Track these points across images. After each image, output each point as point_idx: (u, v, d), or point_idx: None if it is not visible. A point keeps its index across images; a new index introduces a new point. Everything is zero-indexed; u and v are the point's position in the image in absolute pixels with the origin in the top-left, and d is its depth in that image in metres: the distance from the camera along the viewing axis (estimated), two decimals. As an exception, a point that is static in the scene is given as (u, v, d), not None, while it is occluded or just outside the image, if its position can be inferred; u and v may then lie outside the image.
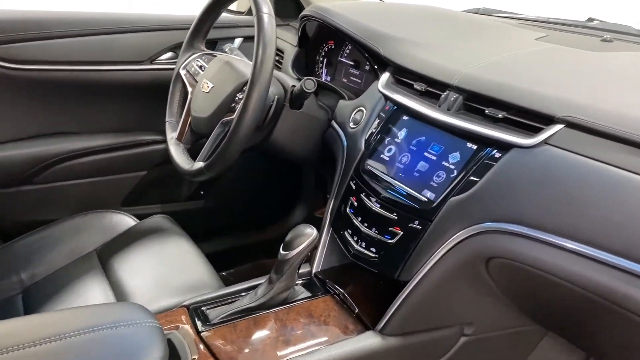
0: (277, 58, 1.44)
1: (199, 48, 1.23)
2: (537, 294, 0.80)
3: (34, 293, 1.13)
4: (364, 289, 0.94)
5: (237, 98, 1.02)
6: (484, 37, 1.09)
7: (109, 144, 1.42)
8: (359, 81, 1.25)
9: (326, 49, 1.34)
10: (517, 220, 0.73)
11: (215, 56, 1.18)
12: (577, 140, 0.71)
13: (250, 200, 1.68)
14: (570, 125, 0.72)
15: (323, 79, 1.35)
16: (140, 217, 1.32)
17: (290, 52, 1.38)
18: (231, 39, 1.50)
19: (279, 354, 0.80)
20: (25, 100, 1.31)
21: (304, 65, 1.37)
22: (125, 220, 1.30)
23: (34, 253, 1.22)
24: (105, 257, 1.19)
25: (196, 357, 0.78)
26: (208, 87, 1.08)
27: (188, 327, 0.84)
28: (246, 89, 0.93)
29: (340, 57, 1.30)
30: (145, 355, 0.69)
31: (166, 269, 1.13)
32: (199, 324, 0.85)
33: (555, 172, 0.71)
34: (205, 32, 1.22)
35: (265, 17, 0.96)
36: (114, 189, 1.47)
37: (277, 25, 1.51)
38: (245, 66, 1.09)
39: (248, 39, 1.54)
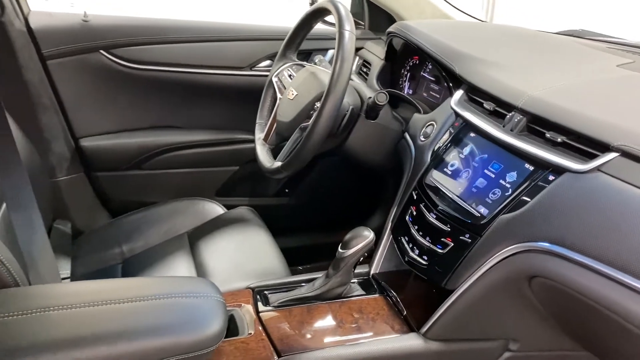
0: (364, 70, 1.53)
1: (291, 58, 1.34)
2: (577, 317, 0.81)
3: (131, 264, 1.30)
4: (415, 294, 0.99)
5: (315, 106, 1.11)
6: (561, 61, 1.09)
7: (208, 139, 1.59)
8: (438, 96, 1.29)
9: (411, 64, 1.39)
10: (561, 243, 0.75)
11: (304, 66, 1.28)
12: (630, 169, 0.72)
13: (331, 202, 1.77)
14: (625, 154, 0.73)
15: (405, 92, 1.41)
16: (228, 207, 1.47)
17: (377, 64, 1.45)
18: (324, 51, 1.61)
19: (325, 340, 0.88)
20: (141, 96, 1.51)
21: (389, 78, 1.44)
22: (215, 209, 1.45)
23: (135, 230, 1.40)
24: (193, 239, 1.34)
25: (252, 332, 0.88)
26: (293, 94, 1.19)
27: (249, 307, 0.94)
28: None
29: (423, 73, 1.36)
30: (207, 324, 0.80)
31: (242, 255, 1.25)
32: (259, 305, 0.96)
33: (604, 199, 0.72)
34: (297, 44, 1.33)
35: (347, 34, 1.04)
36: (209, 180, 1.64)
37: (369, 39, 1.60)
38: (327, 77, 1.18)
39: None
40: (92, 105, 1.48)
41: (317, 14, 1.23)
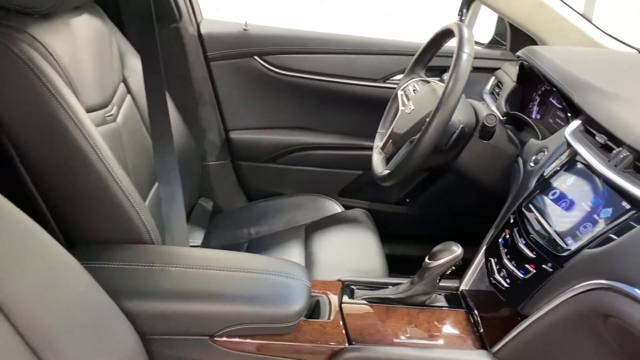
0: (497, 90, 1.53)
1: (418, 74, 1.41)
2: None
3: (254, 244, 1.48)
4: (496, 315, 1.01)
5: (426, 121, 1.17)
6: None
7: (337, 143, 1.72)
8: (562, 124, 1.26)
9: (542, 89, 1.37)
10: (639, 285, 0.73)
11: (429, 82, 1.34)
12: None
13: (447, 218, 1.79)
14: None
15: (533, 117, 1.38)
16: (347, 207, 1.58)
17: (509, 86, 1.44)
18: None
19: (395, 340, 0.95)
20: (284, 98, 1.70)
21: (519, 100, 1.43)
22: (334, 207, 1.58)
23: (263, 215, 1.58)
24: (309, 231, 1.47)
25: (331, 318, 0.98)
26: (410, 108, 1.26)
27: (335, 297, 1.04)
28: None
29: (551, 99, 1.33)
30: (291, 302, 0.92)
31: (348, 252, 1.36)
32: (344, 296, 1.05)
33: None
34: (426, 61, 1.39)
35: (464, 56, 1.08)
36: (333, 180, 1.77)
37: (507, 60, 1.60)
38: (444, 94, 1.23)
39: (478, 69, 1.65)
40: (242, 103, 1.70)
41: (445, 35, 1.28)
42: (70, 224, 1.06)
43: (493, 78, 1.59)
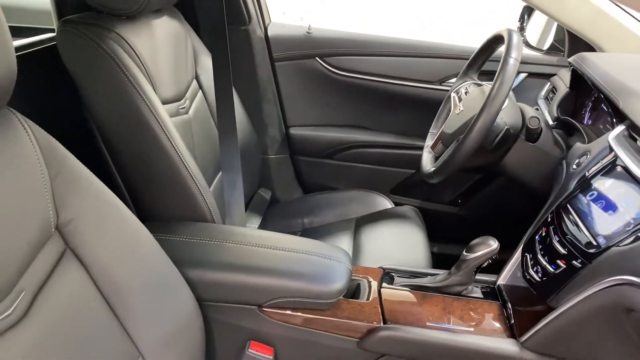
0: (551, 95, 1.55)
1: (472, 77, 1.46)
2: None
3: (307, 234, 1.58)
4: (528, 308, 1.05)
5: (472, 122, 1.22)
6: None
7: (391, 142, 1.80)
8: (610, 129, 1.27)
9: (595, 96, 1.38)
10: (663, 283, 0.76)
11: (481, 85, 1.39)
12: None
13: (497, 221, 1.81)
14: None
15: (585, 122, 1.40)
16: (397, 204, 1.65)
17: (562, 91, 1.47)
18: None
19: (427, 323, 1.01)
20: (341, 98, 1.79)
21: (572, 106, 1.45)
22: (385, 203, 1.65)
23: (317, 207, 1.68)
24: (359, 224, 1.56)
25: (369, 300, 1.06)
26: (460, 109, 1.31)
27: (375, 282, 1.12)
28: None
29: (603, 105, 1.34)
30: (333, 281, 1.01)
31: (393, 245, 1.43)
32: (384, 282, 1.12)
33: None
34: (479, 66, 1.44)
35: (511, 61, 1.13)
36: (386, 177, 1.84)
37: (562, 67, 1.62)
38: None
39: (533, 75, 1.67)
40: (303, 101, 1.81)
41: (496, 40, 1.33)
42: (143, 201, 1.20)
43: (549, 84, 1.61)
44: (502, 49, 1.22)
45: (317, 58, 1.75)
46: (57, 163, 0.78)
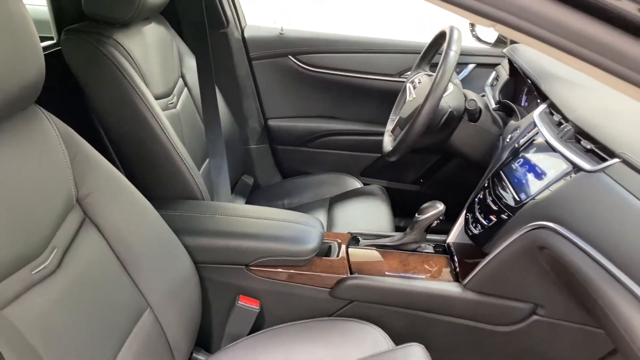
0: (495, 82, 1.77)
1: (424, 69, 1.66)
2: (575, 288, 1.00)
3: (287, 213, 1.77)
4: (470, 258, 1.26)
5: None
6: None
7: (359, 129, 2.00)
8: (542, 109, 1.49)
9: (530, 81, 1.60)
10: (563, 223, 0.97)
11: (431, 76, 1.59)
12: (624, 174, 0.89)
13: (455, 196, 2.03)
14: (625, 162, 0.91)
15: (522, 104, 1.62)
16: (366, 185, 1.85)
17: (503, 78, 1.68)
18: (464, 65, 1.88)
19: (387, 272, 1.22)
20: (313, 91, 1.99)
21: (512, 90, 1.66)
22: (354, 183, 1.85)
23: (295, 190, 1.87)
24: (333, 202, 1.75)
25: (338, 257, 1.26)
26: (413, 97, 1.52)
27: (343, 243, 1.32)
28: None
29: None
30: (307, 242, 1.20)
31: (362, 217, 1.63)
32: (351, 244, 1.33)
33: (599, 193, 0.92)
34: (430, 58, 1.65)
35: (451, 53, 1.33)
36: (356, 161, 2.04)
37: (505, 57, 1.82)
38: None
39: (482, 66, 1.89)
40: (279, 96, 2.00)
41: (442, 36, 1.53)
42: (141, 183, 1.38)
43: (494, 72, 1.83)
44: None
45: (290, 56, 1.94)
46: (75, 147, 0.96)
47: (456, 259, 1.27)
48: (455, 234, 1.36)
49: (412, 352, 1.08)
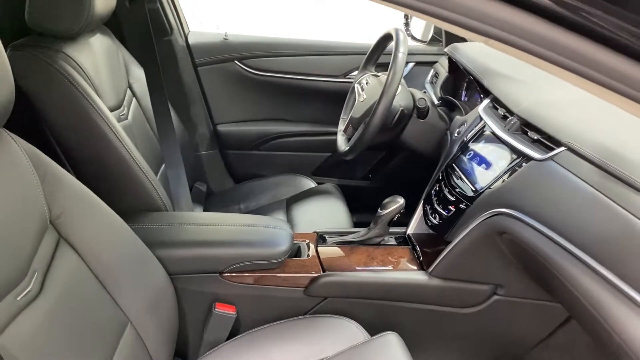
0: (435, 79, 1.87)
1: (370, 70, 1.73)
2: (535, 269, 1.10)
3: (244, 217, 1.79)
4: (432, 247, 1.34)
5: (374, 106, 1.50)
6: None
7: (309, 130, 2.05)
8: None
9: (468, 77, 1.71)
10: (519, 209, 1.06)
11: (378, 76, 1.67)
12: (571, 160, 0.99)
13: (402, 188, 2.12)
14: (570, 150, 1.01)
15: (462, 99, 1.72)
16: (319, 184, 1.90)
17: (443, 76, 1.78)
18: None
19: (357, 267, 1.28)
20: (261, 95, 2.02)
21: (452, 87, 1.77)
22: (308, 183, 1.90)
23: (250, 193, 1.89)
24: (290, 203, 1.79)
25: (309, 257, 1.30)
26: (363, 97, 1.58)
27: (312, 243, 1.36)
28: None
29: (474, 84, 1.67)
30: (279, 245, 1.23)
31: (320, 215, 1.68)
32: (319, 243, 1.37)
33: (549, 179, 1.02)
34: (375, 59, 1.72)
35: (400, 55, 1.41)
36: (307, 161, 2.09)
37: (442, 55, 1.93)
38: (389, 85, 1.55)
39: (420, 64, 1.99)
40: (227, 101, 2.01)
41: (387, 38, 1.61)
42: (104, 198, 1.35)
43: (432, 70, 1.93)
44: (392, 44, 1.49)
45: (235, 61, 1.95)
46: (43, 167, 0.94)
47: (418, 249, 1.34)
48: (414, 226, 1.44)
49: (387, 341, 1.14)
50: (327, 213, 1.70)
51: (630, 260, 0.80)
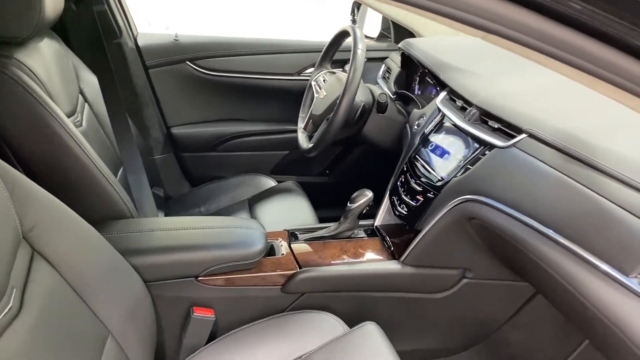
0: (387, 75, 1.92)
1: (326, 67, 1.76)
2: (504, 251, 1.17)
3: (206, 219, 1.77)
4: (401, 236, 1.38)
5: (337, 103, 1.52)
6: (517, 69, 1.43)
7: (265, 129, 2.05)
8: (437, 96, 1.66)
9: (421, 71, 1.77)
10: (487, 195, 1.12)
11: (335, 73, 1.69)
12: (533, 146, 1.06)
13: (360, 182, 2.17)
14: (531, 135, 1.08)
15: (415, 93, 1.78)
16: (279, 182, 1.91)
17: (396, 71, 1.84)
18: (357, 59, 2.01)
19: (332, 262, 1.30)
20: (216, 95, 1.99)
21: (405, 81, 1.82)
22: (269, 182, 1.90)
23: (210, 196, 1.87)
24: (252, 203, 1.78)
25: (284, 253, 1.31)
26: (323, 94, 1.60)
27: (285, 241, 1.37)
28: None
29: (427, 78, 1.73)
30: (254, 245, 1.23)
31: (286, 214, 1.68)
32: (291, 239, 1.38)
33: (514, 165, 1.08)
34: (331, 56, 1.75)
35: (359, 52, 1.44)
36: (265, 160, 2.09)
37: (392, 50, 1.99)
38: (348, 82, 1.58)
39: (371, 60, 2.03)
40: (180, 102, 1.98)
41: (343, 35, 1.64)
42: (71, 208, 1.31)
43: (383, 65, 1.98)
44: (349, 41, 1.52)
45: (187, 62, 1.92)
46: (11, 179, 0.90)
47: (388, 239, 1.38)
48: (381, 217, 1.48)
49: (367, 331, 1.17)
50: (291, 211, 1.71)
51: (598, 235, 0.87)
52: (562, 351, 1.41)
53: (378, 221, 1.47)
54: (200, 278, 1.22)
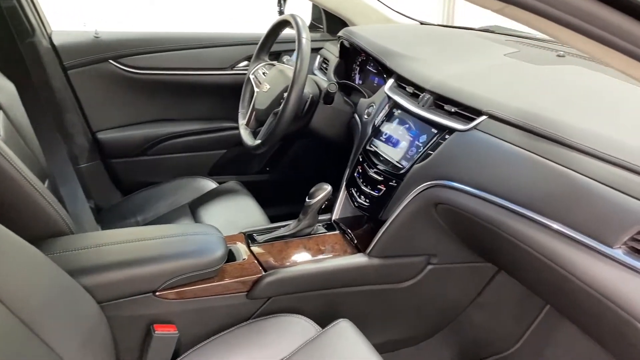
0: (324, 66, 1.88)
1: (264, 59, 1.69)
2: (471, 232, 1.17)
3: (146, 228, 1.64)
4: (363, 228, 1.35)
5: (283, 96, 1.46)
6: (463, 53, 1.45)
7: (200, 128, 1.94)
8: (381, 84, 1.65)
9: (360, 60, 1.75)
10: (453, 179, 1.11)
11: (274, 65, 1.63)
12: (494, 127, 1.07)
13: (304, 176, 2.13)
14: (491, 117, 1.08)
15: (356, 82, 1.76)
16: (219, 183, 1.81)
17: (334, 61, 1.80)
18: (291, 51, 1.95)
19: (297, 261, 1.24)
20: (143, 95, 1.86)
21: (344, 71, 1.79)
22: (209, 184, 1.80)
23: (146, 204, 1.74)
24: (194, 207, 1.68)
25: (245, 257, 1.24)
26: (267, 88, 1.54)
27: (243, 245, 1.30)
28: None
29: (368, 66, 1.71)
30: (214, 251, 1.15)
31: (234, 215, 1.60)
32: (250, 242, 1.31)
33: (478, 147, 1.08)
34: (268, 48, 1.68)
35: (304, 41, 1.39)
36: (202, 161, 1.98)
37: (327, 40, 1.95)
38: (292, 73, 1.53)
39: (306, 50, 1.98)
40: (105, 105, 1.82)
41: (282, 25, 1.58)
42: None
43: (319, 56, 1.94)
44: (287, 31, 1.46)
45: (110, 60, 1.77)
46: None
47: (350, 232, 1.35)
48: (338, 211, 1.44)
49: (340, 328, 1.13)
50: (239, 212, 1.63)
51: (577, 210, 0.88)
52: (520, 326, 1.45)
53: (335, 215, 1.44)
54: (158, 293, 1.12)
